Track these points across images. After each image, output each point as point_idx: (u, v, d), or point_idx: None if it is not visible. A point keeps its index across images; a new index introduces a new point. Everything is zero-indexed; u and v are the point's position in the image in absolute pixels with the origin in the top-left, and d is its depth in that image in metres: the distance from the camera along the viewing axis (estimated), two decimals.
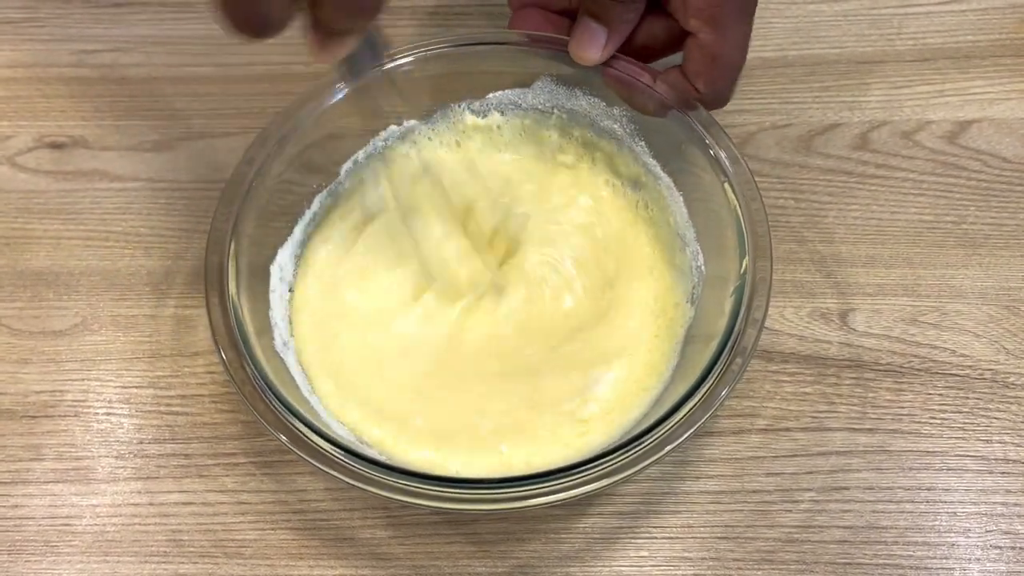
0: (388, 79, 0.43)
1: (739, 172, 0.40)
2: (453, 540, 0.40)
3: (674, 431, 0.34)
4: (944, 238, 0.46)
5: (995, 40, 0.51)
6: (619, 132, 0.44)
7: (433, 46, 0.44)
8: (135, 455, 0.43)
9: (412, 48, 0.44)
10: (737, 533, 0.40)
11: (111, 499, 0.42)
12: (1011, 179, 0.48)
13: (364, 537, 0.41)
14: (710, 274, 0.41)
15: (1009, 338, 0.44)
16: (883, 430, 0.42)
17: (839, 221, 0.47)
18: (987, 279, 0.45)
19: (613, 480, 0.34)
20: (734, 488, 0.41)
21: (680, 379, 0.38)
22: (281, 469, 0.42)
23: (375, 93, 0.43)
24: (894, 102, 0.50)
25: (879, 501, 0.40)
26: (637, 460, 0.34)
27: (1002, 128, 0.49)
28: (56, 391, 0.44)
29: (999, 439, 0.41)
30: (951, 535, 0.40)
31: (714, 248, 0.41)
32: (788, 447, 0.42)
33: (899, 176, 0.48)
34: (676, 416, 0.35)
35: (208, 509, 0.41)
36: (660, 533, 0.40)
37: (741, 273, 0.38)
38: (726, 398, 0.35)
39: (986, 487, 0.40)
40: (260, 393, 0.36)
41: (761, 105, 0.50)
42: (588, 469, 0.34)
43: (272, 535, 0.41)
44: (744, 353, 0.36)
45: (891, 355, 0.43)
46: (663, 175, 0.43)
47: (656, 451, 0.34)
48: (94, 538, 0.41)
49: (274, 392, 0.36)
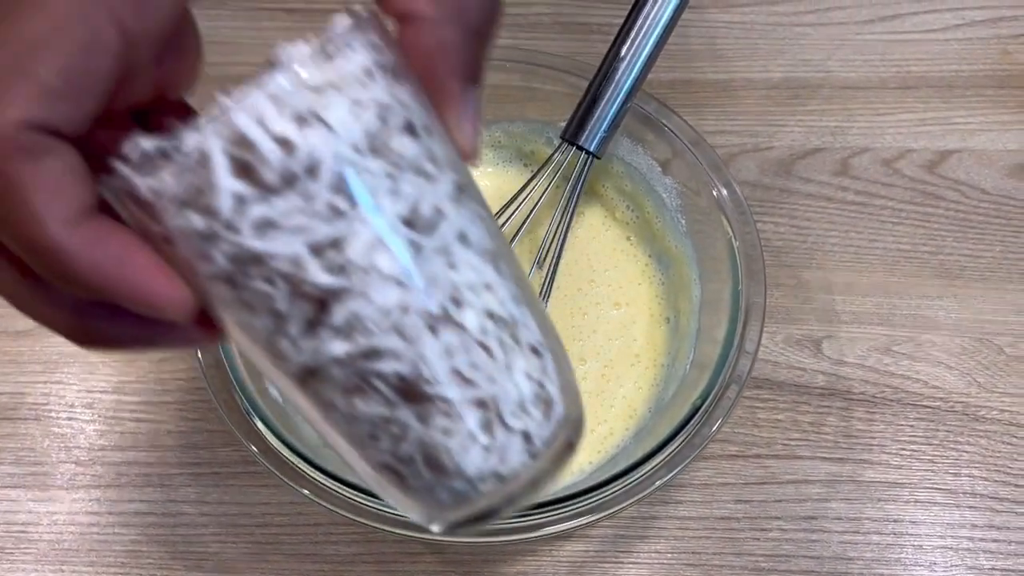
0: None
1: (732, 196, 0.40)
2: (419, 560, 0.40)
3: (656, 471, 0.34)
4: (920, 268, 0.46)
5: (978, 71, 0.52)
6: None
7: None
8: (95, 462, 0.42)
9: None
10: (704, 560, 0.40)
11: (69, 506, 0.41)
12: (988, 211, 0.48)
13: (328, 553, 0.40)
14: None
15: (981, 371, 0.44)
16: (853, 460, 0.42)
17: (817, 247, 0.47)
18: (962, 311, 0.45)
19: (595, 518, 0.34)
20: (703, 514, 0.41)
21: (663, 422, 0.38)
22: (245, 480, 0.41)
23: None
24: (876, 129, 0.50)
25: (846, 532, 0.40)
26: (619, 499, 0.34)
27: (982, 159, 0.49)
28: (16, 393, 0.43)
29: (968, 472, 0.42)
30: (917, 568, 0.40)
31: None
32: (758, 474, 0.41)
33: (878, 204, 0.48)
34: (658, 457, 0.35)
35: (169, 520, 0.41)
36: (627, 558, 0.40)
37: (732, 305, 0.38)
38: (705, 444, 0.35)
39: (953, 521, 0.41)
40: (237, 402, 0.35)
41: (744, 127, 0.50)
42: (570, 504, 0.34)
43: (233, 548, 0.40)
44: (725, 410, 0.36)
45: (864, 384, 0.43)
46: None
47: (637, 491, 0.34)
48: (50, 546, 0.40)
49: (251, 403, 0.35)
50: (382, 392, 0.22)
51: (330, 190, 0.20)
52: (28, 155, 0.19)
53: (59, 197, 0.20)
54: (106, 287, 0.21)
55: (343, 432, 0.23)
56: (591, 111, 0.40)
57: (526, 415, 0.24)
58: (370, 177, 0.21)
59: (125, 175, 0.20)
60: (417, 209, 0.21)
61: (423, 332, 0.22)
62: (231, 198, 0.20)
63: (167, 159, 0.20)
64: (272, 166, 0.20)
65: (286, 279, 0.21)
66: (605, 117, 0.40)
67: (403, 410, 0.22)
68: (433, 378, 0.22)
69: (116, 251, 0.21)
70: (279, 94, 0.20)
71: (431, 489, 0.24)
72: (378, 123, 0.21)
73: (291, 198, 0.20)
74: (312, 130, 0.20)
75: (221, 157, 0.20)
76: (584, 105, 0.40)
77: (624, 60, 0.40)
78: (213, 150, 0.20)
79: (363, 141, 0.21)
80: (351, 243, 0.21)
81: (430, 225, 0.22)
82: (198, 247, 0.21)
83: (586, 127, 0.40)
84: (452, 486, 0.24)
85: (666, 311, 0.43)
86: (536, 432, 0.24)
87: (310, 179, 0.20)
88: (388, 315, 0.21)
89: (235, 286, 0.21)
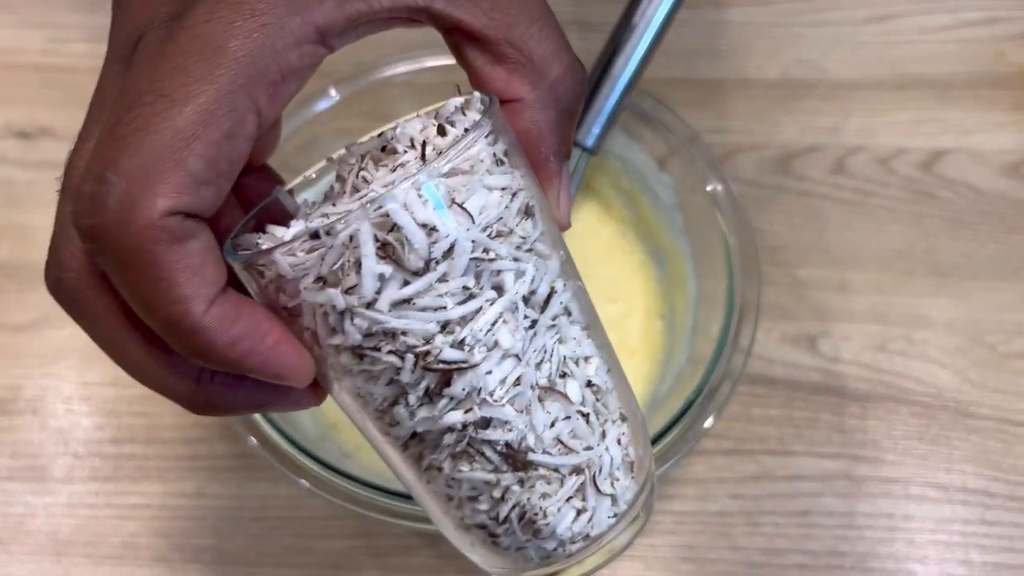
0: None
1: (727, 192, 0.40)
2: (416, 553, 0.40)
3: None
4: (915, 266, 0.47)
5: (973, 71, 0.52)
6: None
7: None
8: (93, 455, 0.42)
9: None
10: (699, 554, 0.40)
11: (66, 499, 0.41)
12: (982, 210, 0.48)
13: (324, 547, 0.40)
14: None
15: (973, 369, 0.44)
16: (847, 456, 0.42)
17: (813, 245, 0.47)
18: (955, 309, 0.45)
19: None
20: (697, 509, 0.41)
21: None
22: (242, 474, 0.41)
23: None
24: (871, 128, 0.50)
25: (839, 526, 0.41)
26: None
27: (976, 159, 0.49)
28: (13, 386, 0.43)
29: (959, 468, 0.42)
30: (909, 562, 0.40)
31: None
32: (753, 470, 0.42)
33: (873, 202, 0.48)
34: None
35: (166, 513, 0.41)
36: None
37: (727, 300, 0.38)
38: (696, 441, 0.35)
39: (944, 516, 0.41)
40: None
41: (739, 125, 0.50)
42: None
43: (230, 541, 0.40)
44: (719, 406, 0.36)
45: (858, 381, 0.44)
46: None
47: None
48: (47, 538, 0.40)
49: None
50: (489, 458, 0.23)
51: (464, 272, 0.21)
52: (174, 240, 0.20)
53: (201, 278, 0.21)
54: (241, 362, 0.22)
55: (440, 492, 0.24)
56: (588, 107, 0.40)
57: (615, 479, 0.25)
58: (499, 259, 0.22)
59: (267, 253, 0.21)
60: (535, 288, 0.23)
61: (533, 403, 0.23)
62: (375, 279, 0.21)
63: (316, 240, 0.21)
64: (417, 250, 0.21)
65: (415, 353, 0.21)
66: (601, 113, 0.40)
67: (506, 475, 0.23)
68: (538, 446, 0.23)
69: (250, 327, 0.21)
70: (421, 180, 0.21)
71: (522, 548, 0.25)
72: (505, 207, 0.22)
73: (429, 279, 0.21)
74: (452, 216, 0.21)
75: (370, 241, 0.20)
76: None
77: (621, 57, 0.40)
78: (364, 234, 0.20)
79: (494, 225, 0.22)
80: (477, 321, 0.22)
81: (544, 302, 0.23)
82: (332, 322, 0.21)
83: (583, 123, 0.40)
84: (543, 546, 0.25)
85: (662, 307, 0.43)
86: (621, 495, 0.26)
87: (447, 261, 0.21)
88: (503, 387, 0.22)
89: (362, 358, 0.22)
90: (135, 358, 0.23)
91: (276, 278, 0.22)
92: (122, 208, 0.20)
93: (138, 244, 0.20)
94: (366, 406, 0.23)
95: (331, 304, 0.21)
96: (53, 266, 0.23)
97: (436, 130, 0.22)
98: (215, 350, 0.21)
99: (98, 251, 0.21)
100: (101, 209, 0.20)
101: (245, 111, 0.20)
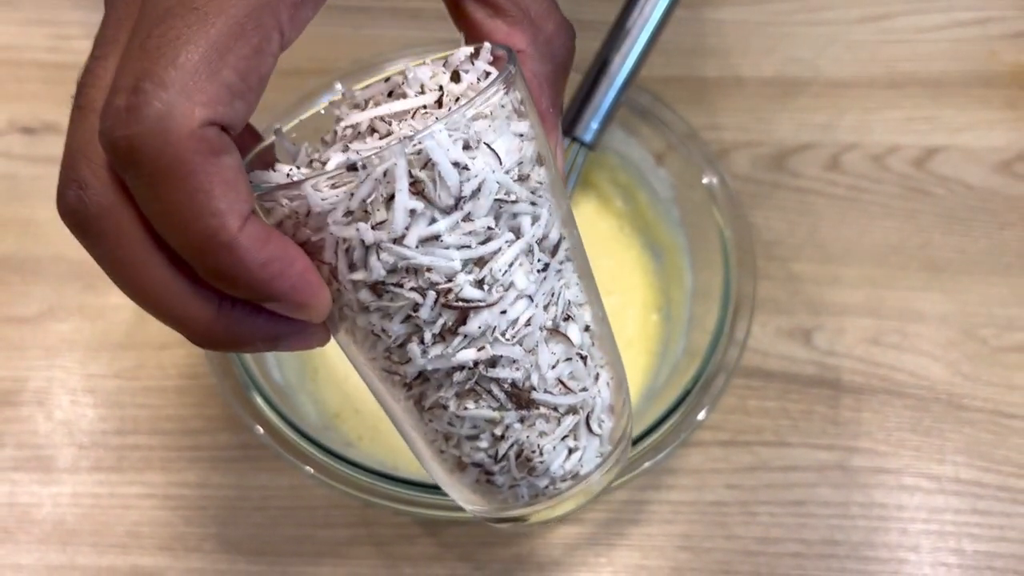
0: None
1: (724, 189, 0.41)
2: (417, 542, 0.40)
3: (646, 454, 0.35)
4: (908, 261, 0.47)
5: (966, 70, 0.53)
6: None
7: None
8: (97, 445, 0.42)
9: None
10: (695, 544, 0.41)
11: (71, 489, 0.41)
12: (975, 206, 0.49)
13: (326, 536, 0.41)
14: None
15: (966, 362, 0.45)
16: (841, 447, 0.43)
17: (808, 240, 0.48)
18: (948, 303, 0.46)
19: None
20: (694, 499, 0.42)
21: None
22: (244, 464, 0.42)
23: None
24: (865, 125, 0.51)
25: (834, 516, 0.41)
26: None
27: (968, 156, 0.50)
28: (19, 379, 0.44)
29: (952, 459, 0.43)
30: (902, 551, 0.41)
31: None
32: (748, 461, 0.42)
33: (867, 198, 0.49)
34: (650, 437, 0.35)
35: (169, 502, 0.41)
36: (619, 541, 0.41)
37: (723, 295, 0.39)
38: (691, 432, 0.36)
39: (937, 506, 0.41)
40: (240, 384, 0.36)
41: (736, 122, 0.51)
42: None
43: (233, 531, 0.41)
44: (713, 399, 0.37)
45: (852, 374, 0.44)
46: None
47: (626, 473, 0.35)
48: (53, 527, 0.41)
49: (255, 384, 0.36)
50: (495, 396, 0.24)
51: (488, 212, 0.22)
52: (212, 152, 0.20)
53: (236, 193, 0.20)
54: (271, 283, 0.21)
55: (440, 431, 0.25)
56: (586, 104, 0.41)
57: (604, 421, 0.26)
58: (519, 202, 0.22)
59: (297, 185, 0.21)
60: (547, 232, 0.24)
61: (540, 343, 0.24)
62: (406, 214, 0.21)
63: (351, 172, 0.21)
64: (449, 187, 0.21)
65: (436, 291, 0.22)
66: (599, 110, 0.41)
67: (510, 413, 0.24)
68: (541, 385, 0.24)
69: (280, 250, 0.21)
70: (453, 122, 0.21)
71: (515, 486, 0.26)
72: (524, 152, 0.23)
73: (456, 217, 0.21)
74: (481, 156, 0.22)
75: (404, 176, 0.21)
76: (579, 97, 0.41)
77: (618, 54, 0.41)
78: (400, 168, 0.21)
79: (515, 168, 0.22)
80: (497, 261, 0.22)
81: (555, 246, 0.24)
82: (356, 257, 0.22)
83: (581, 119, 0.41)
84: (536, 483, 0.26)
85: (659, 300, 0.43)
86: (607, 436, 0.27)
87: (474, 200, 0.22)
88: (515, 327, 0.23)
89: (381, 295, 0.22)
90: (156, 283, 0.22)
91: (294, 213, 0.22)
92: (161, 117, 0.19)
93: (177, 154, 0.19)
94: (375, 346, 0.23)
95: (359, 239, 0.21)
96: (72, 184, 0.21)
97: (451, 76, 0.23)
98: (247, 269, 0.21)
99: (131, 164, 0.20)
100: (139, 119, 0.19)
101: (271, 28, 0.21)
